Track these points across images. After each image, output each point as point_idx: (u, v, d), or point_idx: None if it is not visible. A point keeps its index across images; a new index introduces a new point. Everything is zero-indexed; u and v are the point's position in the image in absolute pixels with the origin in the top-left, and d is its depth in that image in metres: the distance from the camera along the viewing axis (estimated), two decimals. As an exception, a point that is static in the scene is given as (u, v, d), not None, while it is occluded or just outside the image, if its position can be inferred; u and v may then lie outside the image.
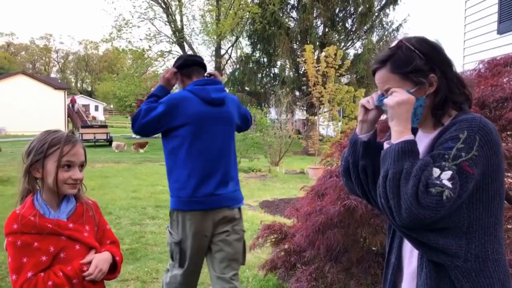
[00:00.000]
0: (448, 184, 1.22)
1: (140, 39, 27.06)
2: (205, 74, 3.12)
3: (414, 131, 1.58)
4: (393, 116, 1.37)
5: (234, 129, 3.12)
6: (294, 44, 25.15)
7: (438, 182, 1.23)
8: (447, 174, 1.24)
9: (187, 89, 2.99)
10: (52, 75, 75.20)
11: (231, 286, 2.89)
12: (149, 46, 25.61)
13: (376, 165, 1.52)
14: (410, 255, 1.47)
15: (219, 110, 2.98)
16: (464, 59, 8.26)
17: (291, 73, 25.95)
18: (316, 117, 15.09)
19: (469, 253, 1.30)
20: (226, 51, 27.88)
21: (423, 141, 1.48)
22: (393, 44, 1.46)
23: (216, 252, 2.94)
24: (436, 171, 1.25)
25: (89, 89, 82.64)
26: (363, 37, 25.46)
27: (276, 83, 25.75)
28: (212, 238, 2.93)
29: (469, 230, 1.31)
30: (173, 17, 25.49)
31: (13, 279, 1.60)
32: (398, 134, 1.35)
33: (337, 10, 25.25)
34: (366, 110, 1.54)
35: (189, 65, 3.09)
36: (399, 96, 1.37)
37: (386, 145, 1.38)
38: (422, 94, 1.41)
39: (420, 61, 1.40)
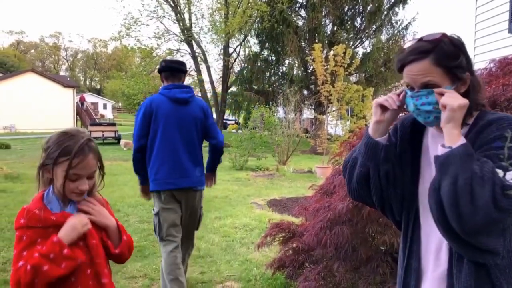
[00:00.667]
0: None
1: (149, 38, 27.19)
2: None
3: (418, 127, 1.54)
4: (451, 118, 1.30)
5: (199, 124, 3.73)
6: (303, 43, 25.05)
7: (509, 183, 1.20)
8: (511, 174, 1.21)
9: (159, 92, 3.74)
10: (61, 73, 75.69)
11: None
12: (158, 45, 25.80)
13: (395, 168, 1.49)
14: (436, 258, 1.43)
15: (184, 108, 3.67)
16: (475, 58, 8.19)
17: (299, 71, 25.88)
18: (324, 116, 15.05)
19: (505, 249, 1.30)
20: (234, 50, 27.91)
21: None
22: (430, 37, 1.39)
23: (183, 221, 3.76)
24: (499, 172, 1.22)
25: (98, 87, 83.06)
26: (372, 36, 25.32)
27: (284, 81, 25.70)
28: (181, 211, 3.70)
29: (504, 227, 1.30)
30: (182, 16, 25.55)
31: (11, 271, 1.63)
32: (455, 136, 1.29)
33: (346, 9, 25.13)
34: (383, 110, 1.49)
35: (164, 70, 3.76)
36: (461, 99, 1.31)
37: (442, 149, 1.31)
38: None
39: (462, 57, 1.37)
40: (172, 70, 3.76)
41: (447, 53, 1.35)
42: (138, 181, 3.84)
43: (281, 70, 27.90)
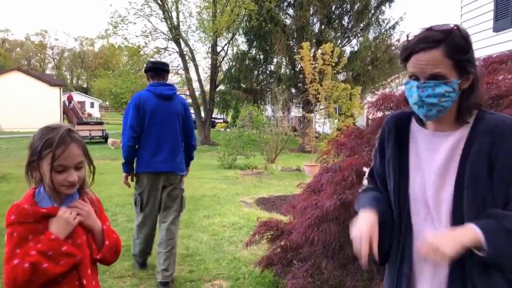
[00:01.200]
0: None
1: (136, 36, 26.98)
2: None
3: (401, 132, 1.51)
4: (450, 252, 1.24)
5: (180, 118, 4.23)
6: (291, 41, 25.10)
7: None
8: None
9: (146, 89, 4.22)
10: (48, 72, 74.88)
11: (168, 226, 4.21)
12: (145, 43, 25.54)
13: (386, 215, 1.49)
14: (434, 265, 1.39)
15: (168, 103, 4.17)
16: (460, 56, 8.27)
17: (287, 70, 25.94)
18: (312, 115, 15.10)
19: None
20: (222, 48, 27.77)
21: (443, 140, 1.41)
22: (442, 27, 1.33)
23: (163, 202, 4.24)
24: None
25: (85, 85, 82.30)
26: (359, 35, 25.44)
27: (272, 80, 25.72)
28: (162, 193, 4.20)
29: None
30: (169, 14, 25.35)
31: (4, 269, 1.59)
32: (470, 240, 1.25)
33: (333, 8, 25.23)
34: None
35: (150, 70, 4.27)
36: (441, 247, 1.24)
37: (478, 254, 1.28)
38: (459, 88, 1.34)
39: (471, 51, 1.34)
40: (157, 70, 4.27)
41: (458, 45, 1.31)
42: (125, 168, 4.21)
43: (269, 69, 27.91)
